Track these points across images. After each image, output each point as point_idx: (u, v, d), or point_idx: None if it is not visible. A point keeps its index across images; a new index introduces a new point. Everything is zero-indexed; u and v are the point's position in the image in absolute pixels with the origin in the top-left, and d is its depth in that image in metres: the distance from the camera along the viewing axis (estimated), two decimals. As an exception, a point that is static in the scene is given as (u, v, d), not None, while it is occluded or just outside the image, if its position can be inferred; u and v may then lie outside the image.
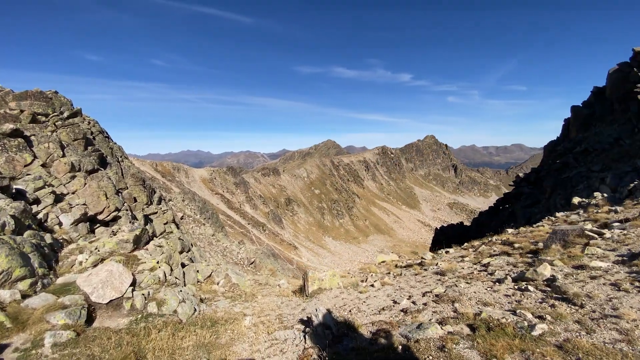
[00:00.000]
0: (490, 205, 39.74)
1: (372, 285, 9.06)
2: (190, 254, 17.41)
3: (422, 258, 12.55)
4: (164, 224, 18.18)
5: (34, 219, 9.39)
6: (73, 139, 15.75)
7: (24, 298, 6.00)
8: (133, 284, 7.23)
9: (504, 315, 4.79)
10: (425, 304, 6.42)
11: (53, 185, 11.70)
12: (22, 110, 14.95)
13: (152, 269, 8.49)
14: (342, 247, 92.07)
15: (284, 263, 52.64)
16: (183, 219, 34.73)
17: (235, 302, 9.02)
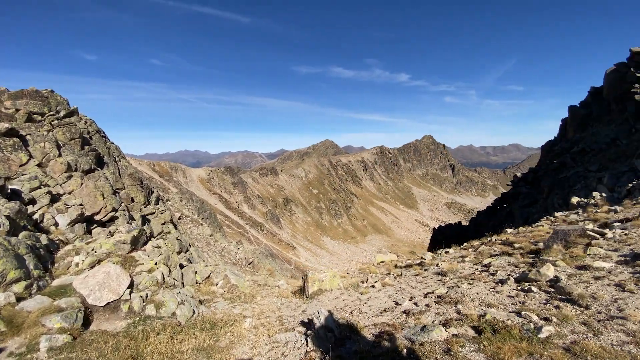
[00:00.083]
0: (488, 205, 39.82)
1: (372, 286, 8.98)
2: (188, 255, 17.28)
3: (422, 258, 12.48)
4: (162, 224, 18.03)
5: (30, 220, 9.24)
6: (69, 139, 15.58)
7: (19, 301, 5.86)
8: (131, 286, 7.10)
9: (509, 317, 4.72)
10: (428, 305, 6.35)
11: (49, 185, 11.53)
12: (17, 110, 14.77)
13: (150, 271, 8.36)
14: (340, 247, 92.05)
15: (282, 263, 52.54)
16: (181, 219, 34.53)
17: (235, 303, 8.91)
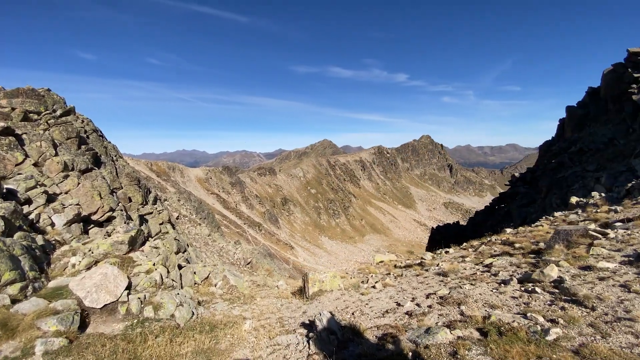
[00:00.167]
0: (486, 205, 39.89)
1: (373, 287, 8.91)
2: (187, 255, 17.13)
3: (421, 258, 12.42)
4: (160, 224, 17.87)
5: (25, 220, 9.08)
6: (66, 138, 15.38)
7: (14, 303, 5.72)
8: (128, 288, 6.97)
9: (515, 319, 4.65)
10: (430, 307, 6.27)
11: (45, 185, 11.36)
12: (13, 108, 14.55)
13: (148, 272, 8.23)
14: (338, 246, 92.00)
15: (281, 263, 52.41)
16: (179, 219, 34.31)
17: (234, 304, 8.81)
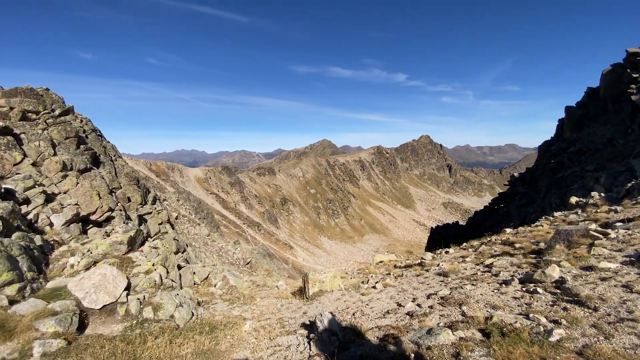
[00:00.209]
0: (486, 205, 39.92)
1: (374, 287, 8.88)
2: (186, 255, 17.08)
3: (422, 258, 12.39)
4: (159, 224, 17.81)
5: (24, 220, 9.02)
6: (65, 137, 15.31)
7: (12, 304, 5.67)
8: (127, 288, 6.93)
9: (517, 320, 4.62)
10: (431, 307, 6.25)
11: (44, 185, 11.29)
12: (11, 108, 14.48)
13: (147, 272, 8.18)
14: (337, 246, 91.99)
15: (280, 263, 52.38)
16: (178, 219, 34.22)
17: (234, 305, 8.76)
